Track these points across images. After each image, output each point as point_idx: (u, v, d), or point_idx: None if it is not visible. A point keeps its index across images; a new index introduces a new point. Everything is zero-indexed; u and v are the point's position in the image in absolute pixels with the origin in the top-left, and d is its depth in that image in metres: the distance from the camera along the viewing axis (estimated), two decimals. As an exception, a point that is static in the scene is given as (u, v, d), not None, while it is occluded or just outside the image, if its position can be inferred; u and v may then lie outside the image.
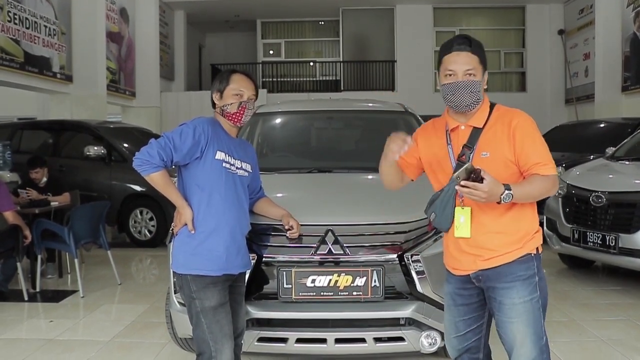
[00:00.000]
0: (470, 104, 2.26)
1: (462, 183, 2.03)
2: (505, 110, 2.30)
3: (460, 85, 2.23)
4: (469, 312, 2.40)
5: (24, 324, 4.70)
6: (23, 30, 9.36)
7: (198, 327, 2.58)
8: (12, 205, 5.27)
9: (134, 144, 8.65)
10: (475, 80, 2.22)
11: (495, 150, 2.21)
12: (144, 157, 2.49)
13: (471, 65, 2.22)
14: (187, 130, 2.53)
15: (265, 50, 19.29)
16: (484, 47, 2.28)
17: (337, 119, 5.11)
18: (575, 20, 16.08)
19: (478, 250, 2.25)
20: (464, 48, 2.23)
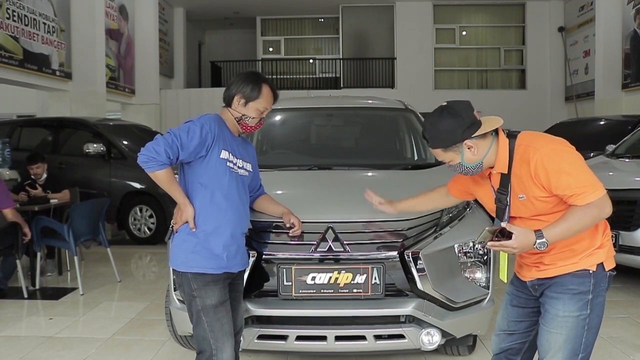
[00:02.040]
0: (475, 173, 2.28)
1: (489, 244, 2.08)
2: (525, 147, 2.16)
3: (450, 170, 2.31)
4: (522, 316, 2.41)
5: (23, 322, 4.70)
6: (22, 28, 9.34)
7: (199, 325, 2.57)
8: (11, 203, 5.27)
9: (134, 141, 8.65)
10: (453, 164, 2.24)
11: (527, 192, 2.15)
12: (150, 154, 2.46)
13: (440, 157, 2.27)
14: (194, 128, 2.51)
15: (264, 48, 19.27)
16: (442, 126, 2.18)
17: (337, 116, 5.10)
18: (575, 18, 16.06)
19: (535, 262, 2.27)
20: (428, 145, 2.28)
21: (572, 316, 2.16)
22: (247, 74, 2.67)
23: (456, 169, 2.25)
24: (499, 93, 17.14)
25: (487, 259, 3.32)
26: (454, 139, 2.16)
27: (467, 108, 2.20)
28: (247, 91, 2.61)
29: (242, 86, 2.62)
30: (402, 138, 4.92)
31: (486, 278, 3.31)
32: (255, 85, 2.62)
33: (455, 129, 2.15)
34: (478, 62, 17.95)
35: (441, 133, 2.18)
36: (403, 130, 4.90)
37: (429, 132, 2.22)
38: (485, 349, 3.85)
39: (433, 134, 2.20)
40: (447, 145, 2.18)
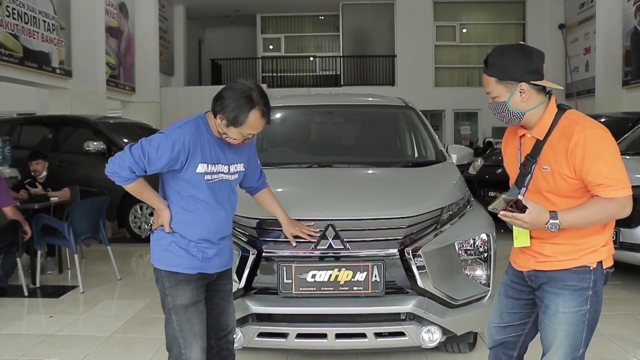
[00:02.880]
0: (508, 122, 2.20)
1: (501, 213, 2.04)
2: (571, 121, 2.10)
3: (489, 108, 2.22)
4: (516, 307, 2.36)
5: (23, 320, 4.70)
6: (22, 25, 9.33)
7: (169, 323, 2.53)
8: (11, 201, 5.26)
9: (134, 139, 8.56)
10: (497, 101, 2.15)
11: (554, 166, 2.09)
12: (114, 169, 2.39)
13: (488, 87, 2.17)
14: (165, 145, 2.35)
15: (265, 45, 19.27)
16: (509, 57, 2.12)
17: (337, 113, 5.10)
18: (575, 15, 16.04)
19: (535, 252, 2.22)
20: (484, 69, 2.17)
21: (572, 312, 2.14)
22: (238, 95, 2.36)
23: (497, 108, 2.17)
24: (500, 90, 17.11)
25: (487, 256, 3.32)
26: (513, 75, 2.09)
27: (540, 56, 2.13)
28: (231, 117, 2.35)
29: (227, 109, 2.35)
30: (402, 135, 4.91)
31: (486, 275, 3.31)
32: (242, 113, 2.34)
33: (520, 65, 2.09)
34: (478, 59, 17.90)
35: (505, 63, 2.10)
36: (403, 127, 4.89)
37: (493, 58, 2.13)
38: (485, 347, 3.84)
39: (496, 60, 2.12)
40: (504, 78, 2.10)
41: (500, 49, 2.15)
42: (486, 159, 9.32)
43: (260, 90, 2.42)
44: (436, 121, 17.50)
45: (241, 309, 3.08)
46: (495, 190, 8.06)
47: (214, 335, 2.73)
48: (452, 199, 3.41)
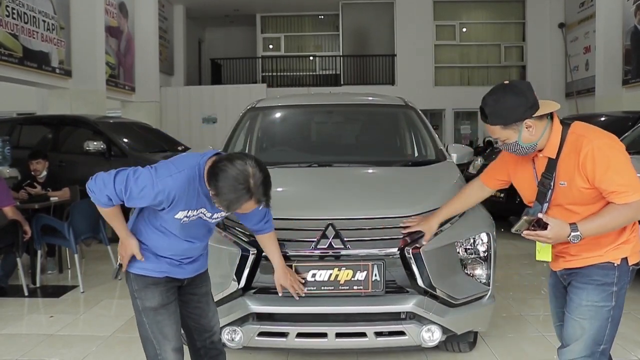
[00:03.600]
0: (525, 154, 2.31)
1: (525, 233, 2.16)
2: (578, 136, 2.21)
3: (503, 149, 2.35)
4: (564, 305, 2.43)
5: (24, 320, 4.70)
6: (22, 25, 9.32)
7: (141, 325, 2.54)
8: (11, 201, 5.26)
9: (134, 139, 8.65)
10: (509, 143, 2.26)
11: (570, 180, 2.20)
12: (93, 189, 2.35)
13: (496, 135, 2.27)
14: (149, 191, 2.27)
15: (264, 45, 19.26)
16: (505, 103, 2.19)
17: (337, 113, 5.10)
18: (575, 14, 16.03)
19: (563, 253, 2.35)
20: (483, 119, 2.27)
21: (595, 306, 2.24)
22: (234, 185, 2.16)
23: (510, 148, 2.28)
24: (500, 89, 17.11)
25: (487, 255, 3.32)
26: (516, 117, 2.18)
27: (529, 88, 2.22)
28: (225, 204, 2.22)
29: (221, 197, 2.20)
30: (402, 135, 4.91)
31: (487, 275, 3.31)
32: (237, 203, 2.20)
33: (518, 107, 2.18)
34: (478, 58, 17.93)
35: (504, 110, 2.19)
36: (403, 127, 4.89)
37: (491, 108, 2.21)
38: (486, 346, 3.85)
39: (495, 110, 2.21)
40: (508, 123, 2.20)
41: (493, 97, 2.22)
42: (486, 158, 9.32)
43: (259, 171, 2.22)
44: (436, 120, 17.50)
45: (241, 308, 3.09)
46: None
47: (198, 337, 2.74)
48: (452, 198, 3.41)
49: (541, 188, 2.30)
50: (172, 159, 2.40)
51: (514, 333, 4.13)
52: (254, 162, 2.22)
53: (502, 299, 4.79)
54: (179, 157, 2.42)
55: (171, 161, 2.37)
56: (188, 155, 2.44)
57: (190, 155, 2.42)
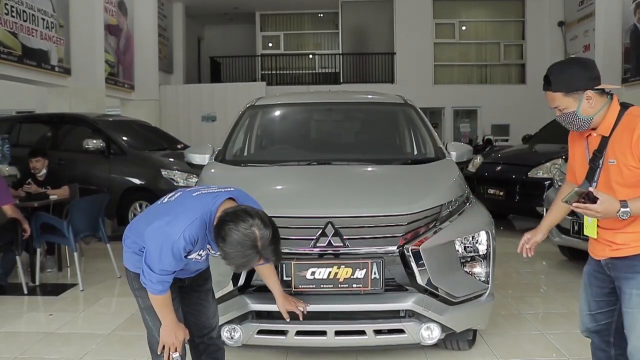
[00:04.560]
0: (579, 128, 2.35)
1: (574, 205, 2.15)
2: (633, 117, 2.26)
3: (559, 119, 2.38)
4: (601, 295, 2.47)
5: (23, 318, 4.70)
6: (21, 23, 9.31)
7: (144, 321, 2.59)
8: (10, 199, 5.25)
9: (133, 137, 8.64)
10: (567, 112, 2.30)
11: (620, 158, 2.24)
12: (147, 285, 2.37)
13: (555, 103, 2.31)
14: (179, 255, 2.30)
15: (264, 43, 19.25)
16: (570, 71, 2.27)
17: (337, 111, 5.10)
18: (575, 12, 16.02)
19: (608, 241, 2.35)
20: (545, 87, 2.32)
21: None
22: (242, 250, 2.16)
23: (566, 119, 2.32)
24: (499, 88, 17.13)
25: (486, 253, 3.33)
26: (579, 85, 2.25)
27: (594, 64, 2.31)
28: (233, 267, 2.28)
29: (229, 260, 2.21)
30: (401, 133, 4.91)
31: (486, 272, 3.32)
32: (246, 265, 2.25)
33: (582, 75, 2.26)
34: (478, 57, 17.93)
35: (568, 77, 2.26)
36: (403, 125, 4.89)
37: (555, 75, 2.28)
38: (485, 344, 3.85)
39: (559, 77, 2.27)
40: (570, 90, 2.25)
41: (558, 66, 2.32)
42: (485, 156, 9.32)
43: (267, 229, 2.18)
44: (435, 119, 17.50)
45: (240, 306, 3.09)
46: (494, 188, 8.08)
47: (197, 333, 2.77)
48: (451, 196, 3.42)
49: (592, 165, 2.34)
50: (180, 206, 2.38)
51: (513, 331, 4.14)
52: (260, 221, 2.18)
53: (501, 297, 4.79)
54: (188, 205, 2.37)
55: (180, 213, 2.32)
56: (197, 201, 2.38)
57: (200, 202, 2.36)
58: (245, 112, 4.86)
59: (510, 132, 16.43)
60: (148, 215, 2.56)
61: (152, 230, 2.33)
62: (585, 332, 2.58)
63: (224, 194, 2.39)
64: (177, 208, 2.37)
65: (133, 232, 2.55)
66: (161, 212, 2.43)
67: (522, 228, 8.12)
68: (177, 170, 7.63)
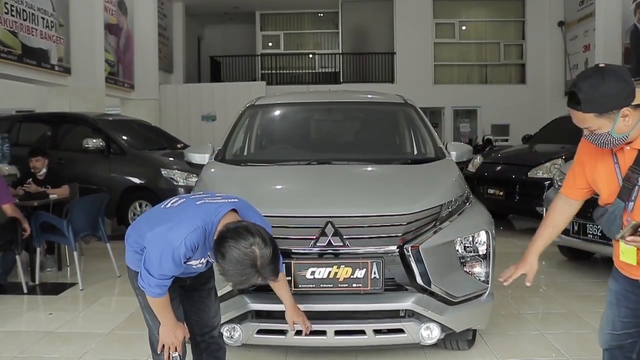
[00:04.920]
0: (612, 146, 2.07)
1: (629, 238, 1.96)
2: None
3: (589, 139, 2.08)
4: (630, 316, 2.26)
5: (23, 317, 4.70)
6: (20, 22, 9.30)
7: (145, 321, 2.60)
8: (10, 198, 5.25)
9: (133, 136, 8.64)
10: (600, 133, 2.01)
11: None
12: (144, 288, 2.37)
13: (587, 124, 2.01)
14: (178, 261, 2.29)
15: (264, 42, 19.25)
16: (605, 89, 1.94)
17: (337, 110, 5.10)
18: (575, 12, 16.02)
19: None
20: (574, 106, 2.01)
21: None
22: (241, 268, 2.14)
23: (598, 139, 2.03)
24: (499, 88, 17.14)
25: (486, 253, 3.33)
26: (616, 104, 1.95)
27: (628, 73, 2.01)
28: (231, 284, 2.31)
29: (228, 277, 2.21)
30: (401, 133, 4.91)
31: (485, 272, 3.32)
32: (244, 283, 2.25)
33: (619, 93, 1.94)
34: (478, 56, 17.93)
35: (603, 97, 1.94)
36: (403, 124, 4.89)
37: (587, 95, 1.95)
38: (484, 343, 3.86)
39: (592, 97, 1.94)
40: (606, 111, 1.95)
41: (588, 82, 1.97)
42: (485, 156, 9.33)
43: (267, 248, 2.17)
44: (435, 118, 17.50)
45: (240, 306, 3.09)
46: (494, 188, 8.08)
47: (199, 332, 2.77)
48: (451, 196, 3.42)
49: (626, 184, 2.07)
50: (182, 213, 2.36)
51: (512, 331, 4.14)
52: (261, 240, 2.16)
53: (501, 297, 4.79)
54: (190, 212, 2.36)
55: (183, 220, 2.31)
56: (201, 209, 2.36)
57: (203, 211, 2.35)
58: (245, 111, 4.86)
59: (510, 132, 16.43)
60: (150, 217, 2.56)
61: (153, 235, 2.33)
62: (605, 346, 2.39)
63: (227, 205, 2.38)
64: (179, 215, 2.37)
65: (135, 232, 2.55)
66: (164, 217, 2.42)
67: (521, 228, 8.13)
68: (177, 169, 7.63)
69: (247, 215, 2.44)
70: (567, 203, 2.43)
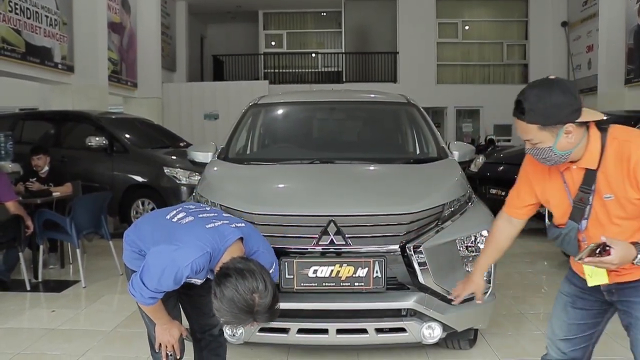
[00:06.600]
0: (554, 164, 2.02)
1: (587, 260, 1.89)
2: (621, 142, 1.94)
3: (530, 153, 2.04)
4: (586, 318, 2.24)
5: (26, 314, 4.71)
6: (24, 21, 9.32)
7: (143, 319, 2.61)
8: (13, 196, 5.27)
9: (136, 135, 8.65)
10: (542, 147, 1.96)
11: (618, 192, 1.95)
12: (134, 295, 2.34)
13: (529, 135, 1.96)
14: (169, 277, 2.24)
15: (267, 41, 19.25)
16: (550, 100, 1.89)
17: (339, 109, 5.11)
18: (578, 12, 16.00)
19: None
20: (518, 115, 1.95)
21: None
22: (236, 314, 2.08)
23: (540, 154, 1.98)
24: (501, 88, 17.10)
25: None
26: (559, 118, 1.89)
27: (576, 89, 1.95)
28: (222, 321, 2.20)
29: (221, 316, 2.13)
30: (404, 132, 4.92)
31: (487, 272, 3.31)
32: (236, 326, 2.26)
33: (564, 107, 1.89)
34: (480, 56, 17.91)
35: (548, 107, 1.88)
36: (405, 124, 4.90)
37: (532, 104, 1.90)
38: (486, 343, 3.86)
39: (536, 106, 1.89)
40: (548, 123, 1.90)
41: (535, 92, 1.93)
42: (488, 156, 9.32)
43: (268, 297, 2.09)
44: (438, 118, 17.49)
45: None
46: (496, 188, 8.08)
47: (199, 329, 2.79)
48: (453, 195, 3.42)
49: (578, 204, 2.03)
50: (191, 235, 2.31)
51: (514, 331, 4.14)
52: (264, 287, 2.08)
53: (503, 296, 4.79)
54: (200, 235, 2.30)
55: (190, 243, 2.26)
56: (210, 235, 2.31)
57: (212, 237, 2.30)
58: (248, 110, 4.87)
59: (513, 132, 16.40)
60: (155, 225, 2.51)
61: (158, 252, 2.29)
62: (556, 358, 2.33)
63: (236, 232, 2.33)
64: (188, 236, 2.31)
65: (135, 234, 2.55)
66: (169, 233, 2.37)
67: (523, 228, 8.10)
68: (179, 168, 7.64)
69: (252, 243, 2.42)
70: (510, 222, 2.40)
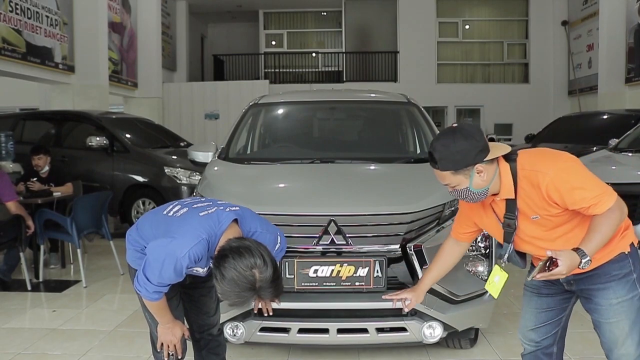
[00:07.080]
0: (477, 201, 2.22)
1: (538, 276, 2.02)
2: (529, 172, 2.13)
3: (453, 195, 2.24)
4: (553, 304, 2.39)
5: (27, 314, 4.72)
6: (25, 21, 9.32)
7: (145, 318, 2.62)
8: (14, 196, 5.27)
9: (136, 134, 8.66)
10: (460, 189, 2.17)
11: (540, 211, 2.14)
12: (139, 291, 2.36)
13: (446, 180, 2.17)
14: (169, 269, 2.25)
15: (267, 41, 19.23)
16: (455, 147, 2.08)
17: (340, 109, 5.10)
18: (579, 11, 15.99)
19: None
20: (432, 165, 2.16)
21: (625, 299, 2.17)
22: (238, 292, 2.11)
23: (461, 195, 2.19)
24: (502, 87, 17.11)
25: (488, 252, 3.33)
26: (467, 162, 2.09)
27: (479, 131, 2.14)
28: (228, 304, 2.24)
29: (225, 298, 2.17)
30: (404, 132, 4.92)
31: (488, 271, 3.32)
32: (242, 304, 2.26)
33: (469, 151, 2.09)
34: (481, 55, 17.89)
35: (454, 154, 2.09)
36: (405, 123, 4.90)
37: (440, 153, 2.11)
38: (487, 343, 3.86)
39: (445, 155, 2.10)
40: (459, 168, 2.11)
41: (441, 142, 2.12)
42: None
43: (268, 270, 2.12)
44: (438, 118, 17.47)
45: (243, 303, 3.10)
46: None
47: (198, 329, 2.79)
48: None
49: (507, 229, 2.24)
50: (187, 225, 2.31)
51: (514, 330, 4.13)
52: (262, 262, 2.11)
53: (503, 296, 4.78)
54: (195, 224, 2.31)
55: (187, 232, 2.27)
56: (204, 222, 2.31)
57: (207, 223, 2.31)
58: (248, 110, 4.87)
59: (513, 131, 16.41)
60: (153, 221, 2.53)
61: (156, 245, 2.30)
62: (530, 350, 2.49)
63: (230, 215, 2.34)
64: (184, 226, 2.32)
65: (136, 232, 2.56)
66: (166, 227, 2.39)
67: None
68: (180, 167, 7.64)
69: (249, 224, 2.42)
70: (457, 244, 2.61)
